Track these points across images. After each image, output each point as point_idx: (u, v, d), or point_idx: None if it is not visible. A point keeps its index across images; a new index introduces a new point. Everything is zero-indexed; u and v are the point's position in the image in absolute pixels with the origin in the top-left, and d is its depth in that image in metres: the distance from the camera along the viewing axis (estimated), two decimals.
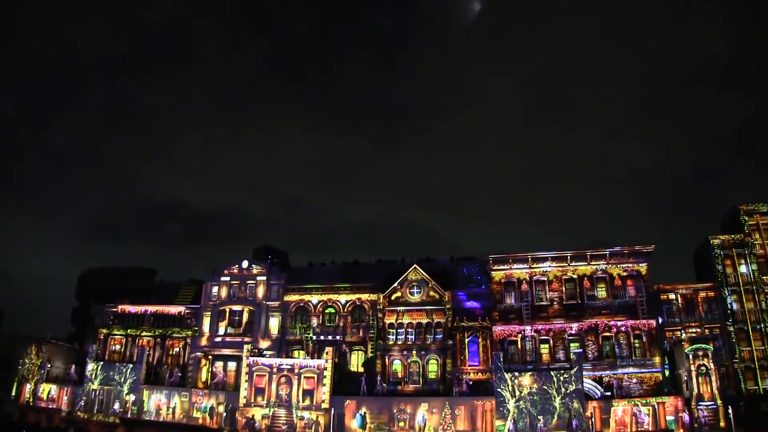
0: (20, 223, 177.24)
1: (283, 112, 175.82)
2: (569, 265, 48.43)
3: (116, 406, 45.31)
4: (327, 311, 52.23)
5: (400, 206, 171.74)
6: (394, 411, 41.01)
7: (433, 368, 48.40)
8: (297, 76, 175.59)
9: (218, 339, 52.41)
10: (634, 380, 43.86)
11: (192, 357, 52.22)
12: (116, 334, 54.65)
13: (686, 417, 37.68)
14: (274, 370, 43.96)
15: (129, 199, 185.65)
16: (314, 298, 52.57)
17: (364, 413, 41.08)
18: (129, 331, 54.66)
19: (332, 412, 41.60)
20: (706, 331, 45.19)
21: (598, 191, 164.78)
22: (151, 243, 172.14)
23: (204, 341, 52.58)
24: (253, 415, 42.03)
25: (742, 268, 47.05)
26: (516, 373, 40.14)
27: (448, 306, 49.54)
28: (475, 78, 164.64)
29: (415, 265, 51.80)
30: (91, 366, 47.85)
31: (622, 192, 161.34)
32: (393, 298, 51.07)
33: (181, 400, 45.40)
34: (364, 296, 51.67)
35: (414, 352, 48.86)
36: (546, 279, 48.60)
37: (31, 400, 48.39)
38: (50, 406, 47.51)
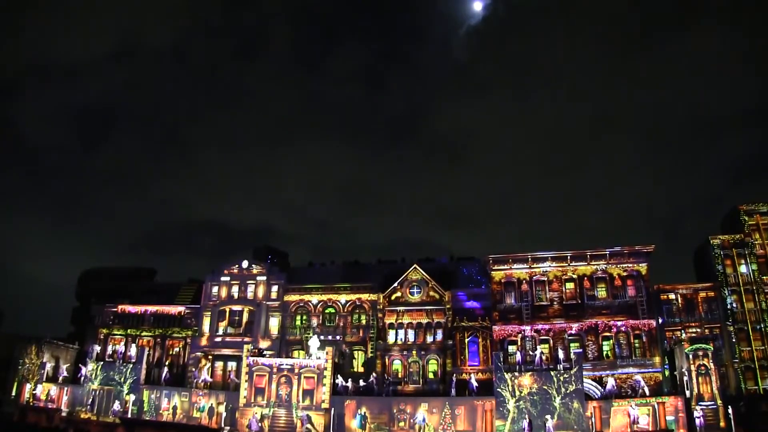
0: (22, 224, 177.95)
1: (319, 141, 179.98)
2: (569, 265, 48.45)
3: (116, 406, 45.29)
4: (327, 311, 52.25)
5: (421, 227, 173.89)
6: (394, 411, 41.01)
7: (433, 368, 48.44)
8: (338, 110, 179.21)
9: (218, 339, 52.45)
10: (634, 380, 43.78)
11: (192, 357, 52.26)
12: (116, 334, 54.67)
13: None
14: (274, 370, 43.96)
15: (167, 217, 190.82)
16: (314, 298, 52.58)
17: (364, 413, 41.09)
18: (129, 331, 54.68)
19: (332, 412, 41.60)
20: (706, 331, 45.19)
21: (597, 190, 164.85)
22: (187, 255, 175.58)
23: (204, 341, 52.62)
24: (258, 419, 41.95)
25: (742, 268, 47.08)
26: (516, 373, 40.15)
27: (448, 306, 49.58)
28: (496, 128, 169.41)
29: (415, 265, 51.84)
30: (91, 366, 47.84)
31: (622, 192, 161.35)
32: (393, 298, 51.11)
33: (181, 400, 45.40)
34: (364, 296, 51.69)
35: (414, 352, 48.89)
36: (546, 279, 48.61)
37: (31, 400, 48.37)
38: (50, 406, 47.50)
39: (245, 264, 54.72)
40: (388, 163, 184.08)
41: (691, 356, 39.26)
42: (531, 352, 44.10)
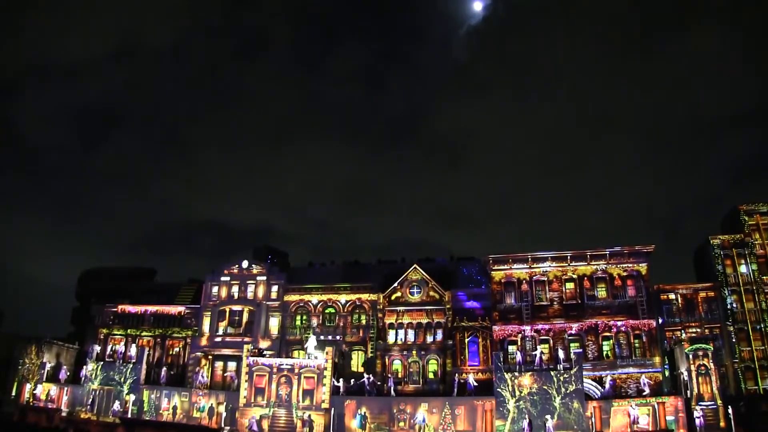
0: (22, 224, 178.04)
1: (319, 141, 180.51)
2: (569, 265, 48.44)
3: (116, 406, 45.30)
4: (327, 311, 52.24)
5: (421, 228, 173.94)
6: (394, 411, 41.01)
7: (433, 368, 48.44)
8: (338, 110, 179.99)
9: (218, 339, 52.44)
10: (636, 380, 43.80)
11: (192, 357, 52.26)
12: (116, 334, 54.65)
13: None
14: (274, 370, 43.96)
15: (167, 217, 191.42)
16: (314, 298, 52.58)
17: (364, 413, 41.08)
18: (129, 331, 54.66)
19: (332, 412, 41.60)
20: (706, 331, 45.20)
21: (597, 190, 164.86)
22: (187, 255, 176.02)
23: (204, 341, 52.61)
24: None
25: (742, 268, 47.08)
26: (516, 373, 40.13)
27: (448, 306, 49.58)
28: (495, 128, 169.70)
29: (415, 265, 51.83)
30: (91, 366, 47.85)
31: (622, 192, 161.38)
32: (393, 298, 51.10)
33: (181, 400, 45.40)
34: (364, 296, 51.68)
35: (414, 352, 48.89)
36: (546, 279, 48.60)
37: (31, 400, 48.37)
38: (50, 406, 47.50)
39: (245, 264, 54.70)
40: (388, 163, 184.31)
41: (691, 356, 39.26)
42: (531, 352, 44.11)
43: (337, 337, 50.45)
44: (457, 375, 44.22)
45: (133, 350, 48.91)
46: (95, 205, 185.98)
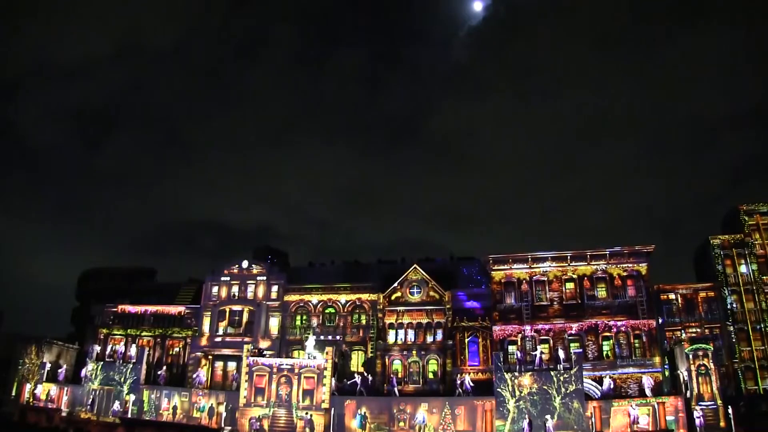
0: (22, 224, 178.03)
1: (319, 141, 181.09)
2: (569, 265, 48.43)
3: (116, 406, 45.28)
4: (327, 311, 52.23)
5: (423, 229, 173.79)
6: (394, 411, 40.98)
7: (433, 368, 48.43)
8: (338, 110, 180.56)
9: (218, 339, 52.45)
10: (636, 380, 43.78)
11: (192, 357, 52.25)
12: (116, 334, 54.63)
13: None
14: (274, 370, 43.95)
15: (167, 217, 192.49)
16: (314, 298, 52.56)
17: (364, 413, 41.06)
18: (129, 331, 54.64)
19: (332, 412, 41.58)
20: (706, 331, 45.22)
21: (597, 190, 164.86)
22: (187, 255, 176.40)
23: (204, 341, 52.62)
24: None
25: (742, 268, 47.08)
26: (516, 373, 40.11)
27: (448, 306, 49.56)
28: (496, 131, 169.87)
29: (415, 265, 51.81)
30: (91, 366, 47.83)
31: (622, 192, 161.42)
32: (393, 298, 51.09)
33: (181, 400, 45.38)
34: (364, 296, 51.67)
35: (414, 352, 48.88)
36: (546, 279, 48.60)
37: (31, 400, 48.36)
38: (50, 406, 47.49)
39: (245, 264, 54.69)
40: (388, 163, 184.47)
41: (691, 356, 39.22)
42: (531, 352, 44.08)
43: (337, 337, 50.44)
44: (457, 375, 44.21)
45: (133, 350, 48.85)
46: (95, 205, 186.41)
